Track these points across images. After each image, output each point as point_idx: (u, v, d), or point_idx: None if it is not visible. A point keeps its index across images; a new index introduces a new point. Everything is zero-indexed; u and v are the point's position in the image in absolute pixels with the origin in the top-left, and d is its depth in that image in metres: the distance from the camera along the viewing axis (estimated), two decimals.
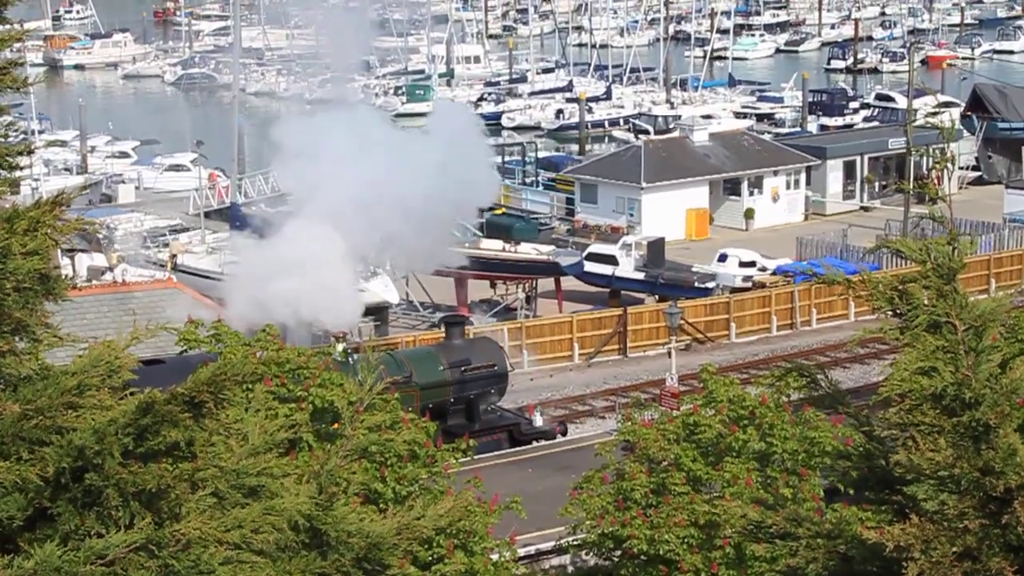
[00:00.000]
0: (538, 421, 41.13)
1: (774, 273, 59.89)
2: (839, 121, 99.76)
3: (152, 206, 74.26)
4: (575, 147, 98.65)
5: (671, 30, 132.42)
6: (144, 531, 7.02)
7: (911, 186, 66.62)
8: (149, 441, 7.48)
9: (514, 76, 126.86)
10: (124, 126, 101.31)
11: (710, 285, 58.45)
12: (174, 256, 60.53)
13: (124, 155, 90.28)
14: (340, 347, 36.77)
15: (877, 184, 79.20)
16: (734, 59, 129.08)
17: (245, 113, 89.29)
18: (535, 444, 40.10)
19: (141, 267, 59.28)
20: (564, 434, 41.60)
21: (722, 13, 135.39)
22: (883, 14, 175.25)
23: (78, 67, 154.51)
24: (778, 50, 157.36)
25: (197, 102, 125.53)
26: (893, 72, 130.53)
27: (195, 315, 31.53)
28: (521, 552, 26.92)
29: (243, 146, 79.17)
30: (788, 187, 75.83)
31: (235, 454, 7.81)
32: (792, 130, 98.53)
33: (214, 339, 29.07)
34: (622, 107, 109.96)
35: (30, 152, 9.32)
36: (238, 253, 48.68)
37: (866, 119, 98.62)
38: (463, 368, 39.28)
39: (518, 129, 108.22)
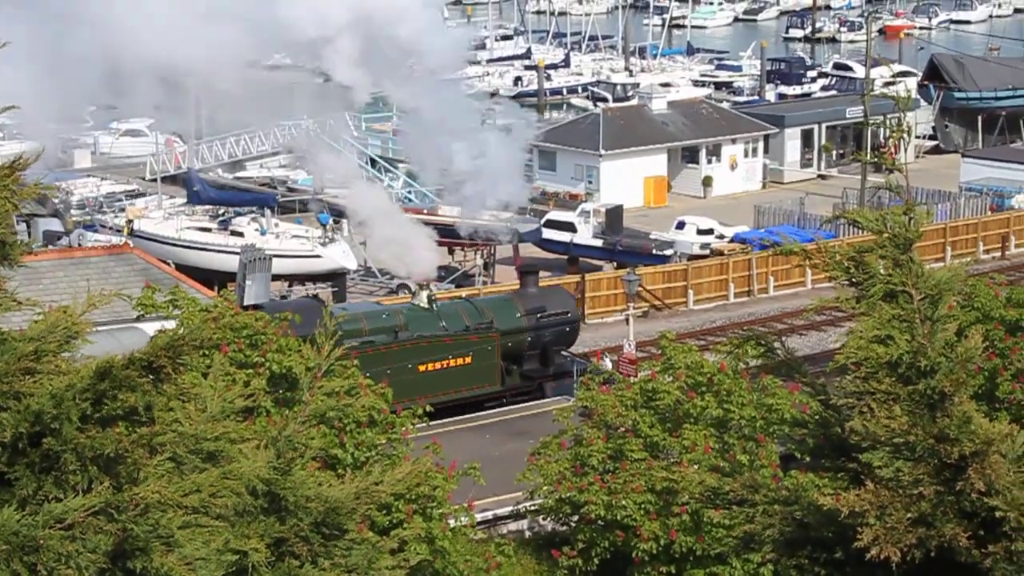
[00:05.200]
0: (607, 366, 41.54)
1: (732, 241, 60.06)
2: (797, 90, 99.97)
3: (108, 171, 73.76)
4: (533, 114, 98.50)
5: None
6: (102, 495, 7.01)
7: (868, 156, 66.83)
8: (107, 406, 7.46)
9: (472, 43, 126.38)
10: None
11: (668, 252, 58.55)
12: (131, 221, 60.19)
13: (80, 120, 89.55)
14: (424, 295, 38.24)
15: (834, 153, 79.47)
16: (693, 27, 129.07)
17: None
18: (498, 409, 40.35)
19: (97, 232, 58.94)
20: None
21: None
22: None
23: None
24: (736, 19, 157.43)
25: None
26: (851, 41, 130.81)
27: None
28: (479, 517, 27.01)
29: (199, 112, 78.58)
30: (746, 155, 76.00)
31: (193, 419, 7.80)
32: (750, 99, 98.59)
33: (171, 305, 28.97)
34: (580, 75, 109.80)
35: None
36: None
37: (824, 88, 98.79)
38: (539, 315, 39.98)
39: (476, 96, 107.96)
